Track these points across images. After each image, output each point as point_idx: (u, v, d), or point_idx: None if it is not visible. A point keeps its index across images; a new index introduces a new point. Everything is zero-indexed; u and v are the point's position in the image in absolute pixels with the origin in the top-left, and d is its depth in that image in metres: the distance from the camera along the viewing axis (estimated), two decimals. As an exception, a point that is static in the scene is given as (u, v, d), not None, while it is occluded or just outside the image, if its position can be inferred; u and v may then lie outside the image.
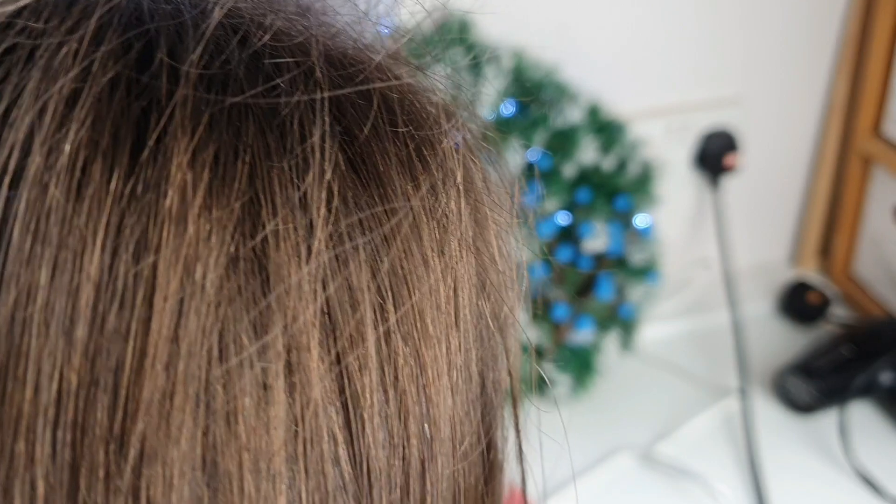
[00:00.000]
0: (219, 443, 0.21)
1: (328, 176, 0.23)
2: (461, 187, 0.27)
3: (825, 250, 1.02)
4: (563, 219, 0.80)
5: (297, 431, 0.22)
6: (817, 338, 0.91)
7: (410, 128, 0.26)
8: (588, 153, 0.79)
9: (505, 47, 0.76)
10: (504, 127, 0.76)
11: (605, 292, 0.81)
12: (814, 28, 0.89)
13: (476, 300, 0.27)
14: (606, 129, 0.80)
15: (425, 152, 0.26)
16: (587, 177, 0.80)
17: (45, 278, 0.21)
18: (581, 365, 0.82)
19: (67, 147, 0.21)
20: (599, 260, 0.82)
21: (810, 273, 1.01)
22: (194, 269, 0.21)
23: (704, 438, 0.82)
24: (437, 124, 0.27)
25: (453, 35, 0.73)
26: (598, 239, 0.80)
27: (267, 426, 0.22)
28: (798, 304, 0.95)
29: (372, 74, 0.26)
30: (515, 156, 0.77)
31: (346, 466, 0.23)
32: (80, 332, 0.21)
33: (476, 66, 0.74)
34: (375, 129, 0.25)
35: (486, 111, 0.75)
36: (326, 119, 0.24)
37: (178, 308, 0.21)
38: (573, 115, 0.78)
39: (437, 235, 0.25)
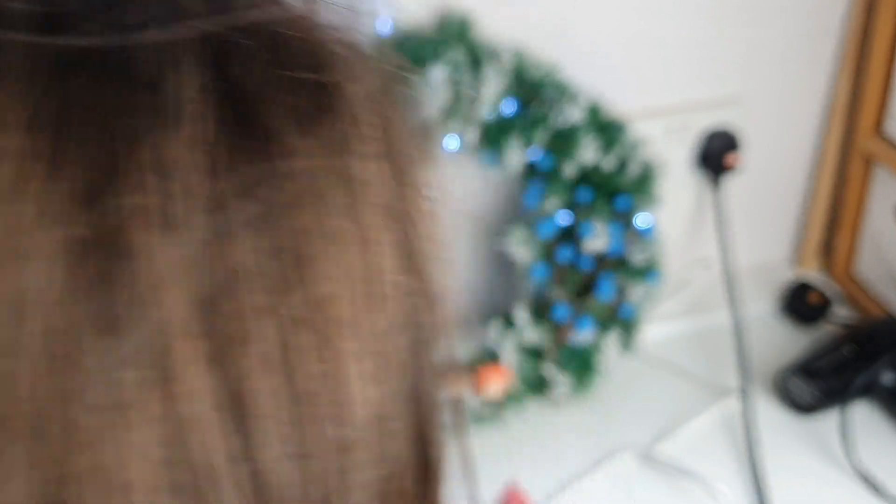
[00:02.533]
0: (70, 475, 0.18)
1: (205, 134, 0.19)
2: (376, 141, 0.22)
3: (826, 250, 1.01)
4: (563, 219, 0.80)
5: (175, 455, 0.18)
6: (818, 338, 0.91)
7: (311, 72, 0.21)
8: (588, 153, 0.79)
9: (505, 47, 0.76)
10: (504, 126, 0.76)
11: (605, 292, 0.81)
12: (815, 27, 0.89)
13: (400, 274, 0.23)
14: (606, 129, 0.80)
15: (331, 101, 0.21)
16: (587, 177, 0.80)
17: None
18: (581, 365, 0.82)
19: None
20: (600, 260, 0.82)
21: (811, 273, 1.01)
22: (31, 260, 0.17)
23: (705, 438, 0.81)
24: (346, 67, 0.22)
25: (453, 34, 0.73)
26: (598, 239, 0.80)
27: (138, 451, 0.18)
28: (799, 304, 0.95)
29: (257, 3, 0.21)
30: (516, 156, 0.77)
31: (247, 488, 0.19)
32: None
33: (476, 66, 0.74)
34: (265, 73, 0.20)
35: (485, 111, 0.75)
36: (201, 62, 0.19)
37: (14, 311, 0.17)
38: (573, 115, 0.78)
39: (348, 200, 0.21)
